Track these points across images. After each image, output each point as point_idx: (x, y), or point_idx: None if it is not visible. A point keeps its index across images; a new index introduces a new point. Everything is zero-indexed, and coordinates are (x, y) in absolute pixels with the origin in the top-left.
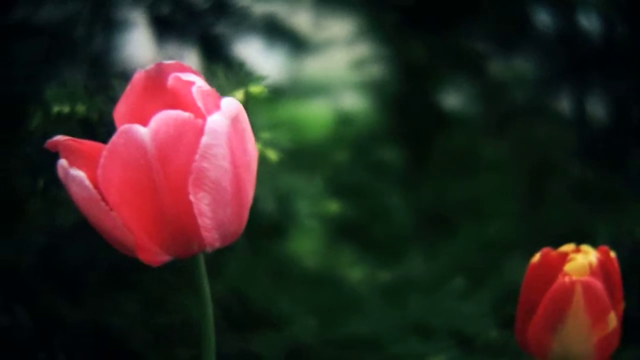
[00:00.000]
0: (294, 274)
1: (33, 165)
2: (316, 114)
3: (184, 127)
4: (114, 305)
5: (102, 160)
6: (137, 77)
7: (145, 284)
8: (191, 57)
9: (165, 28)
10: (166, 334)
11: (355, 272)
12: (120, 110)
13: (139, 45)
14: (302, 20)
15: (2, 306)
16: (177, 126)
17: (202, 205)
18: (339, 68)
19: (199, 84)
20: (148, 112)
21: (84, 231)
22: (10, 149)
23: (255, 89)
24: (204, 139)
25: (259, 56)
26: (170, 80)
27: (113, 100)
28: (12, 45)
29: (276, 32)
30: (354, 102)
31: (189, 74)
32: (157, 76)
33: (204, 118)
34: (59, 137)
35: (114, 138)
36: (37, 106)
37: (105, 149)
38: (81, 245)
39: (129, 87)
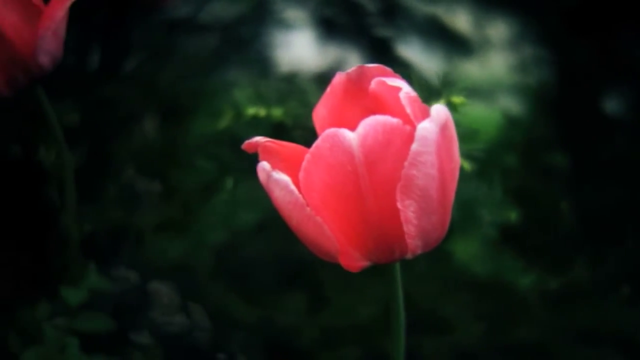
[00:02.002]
0: (461, 279)
1: (220, 163)
2: (478, 117)
3: (392, 133)
4: (284, 304)
5: (304, 163)
6: (338, 79)
7: (313, 284)
8: (353, 59)
9: (330, 29)
10: (334, 334)
11: (523, 278)
12: (320, 113)
13: (302, 45)
14: (461, 22)
15: (180, 306)
16: (386, 132)
17: (409, 212)
18: (497, 71)
19: (406, 90)
20: (349, 115)
21: (265, 231)
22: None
23: (457, 99)
24: (414, 146)
25: (416, 57)
26: (373, 84)
27: (305, 104)
28: (179, 41)
29: (436, 33)
30: (512, 106)
31: (394, 78)
32: (359, 79)
33: (412, 124)
34: (259, 138)
35: (319, 142)
36: (227, 107)
37: (309, 153)
38: (260, 244)
39: (329, 90)
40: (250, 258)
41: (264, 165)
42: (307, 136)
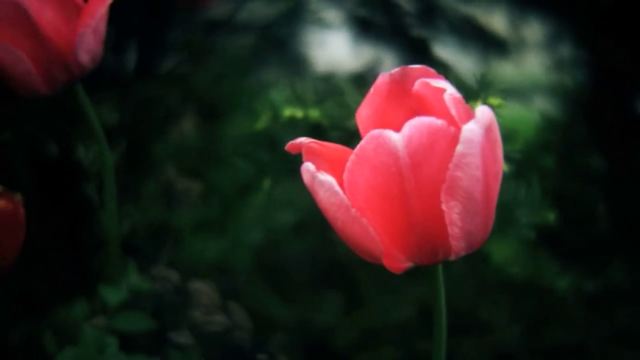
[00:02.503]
0: (498, 281)
1: (258, 163)
2: (515, 118)
3: (437, 134)
4: (321, 304)
5: (349, 164)
6: (381, 80)
7: (350, 284)
8: (389, 59)
9: (366, 29)
10: (371, 334)
11: (560, 280)
12: (363, 114)
13: (338, 45)
14: (497, 22)
15: (220, 306)
16: (431, 133)
17: (453, 214)
18: (533, 71)
19: (450, 91)
20: (392, 116)
21: (302, 231)
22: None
23: (494, 100)
24: (459, 148)
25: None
26: (417, 85)
27: (343, 105)
28: (217, 41)
29: (473, 33)
30: (547, 106)
31: (438, 79)
32: (402, 80)
33: (456, 126)
34: (302, 139)
35: (364, 143)
36: (265, 108)
37: (353, 154)
38: (297, 245)
39: (372, 91)
40: (287, 258)
41: (308, 167)
42: (345, 137)
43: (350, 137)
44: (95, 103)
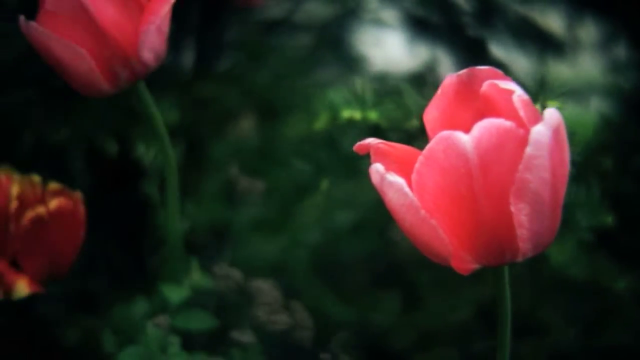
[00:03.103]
0: (557, 282)
1: (316, 163)
2: (573, 119)
3: (506, 136)
4: (379, 304)
5: (417, 165)
6: (449, 81)
7: (407, 285)
8: (446, 59)
9: (423, 28)
10: (429, 335)
11: (618, 281)
12: (431, 115)
13: (394, 44)
14: (553, 22)
15: (283, 304)
16: (500, 135)
17: (522, 216)
18: (589, 72)
19: (519, 93)
20: (460, 117)
21: (360, 231)
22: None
23: (552, 102)
24: (528, 150)
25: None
26: (485, 87)
27: (401, 106)
28: (275, 41)
29: (529, 33)
30: (603, 107)
31: (505, 81)
32: (469, 81)
33: (525, 128)
34: (371, 140)
35: (433, 144)
36: (323, 109)
37: (422, 155)
38: (355, 245)
39: (439, 92)
40: (345, 258)
41: (377, 167)
42: (404, 139)
43: (409, 139)
44: (154, 101)
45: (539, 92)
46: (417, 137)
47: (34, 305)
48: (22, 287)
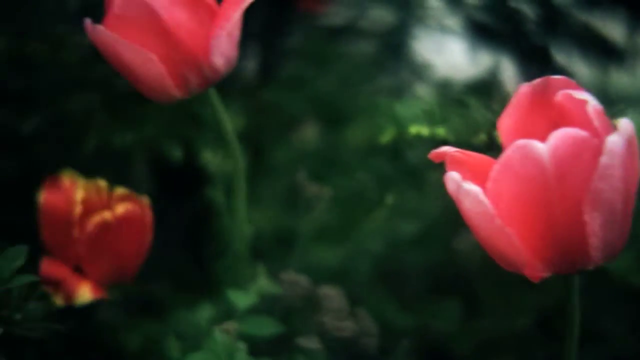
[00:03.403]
0: (617, 290)
1: (380, 174)
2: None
3: (581, 145)
4: (440, 312)
5: (493, 173)
6: (523, 91)
7: (468, 293)
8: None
9: (484, 35)
10: (489, 343)
11: None
12: (505, 124)
13: (456, 51)
14: (614, 31)
15: (350, 311)
16: (576, 144)
17: (595, 225)
18: None
19: (593, 103)
20: (534, 127)
21: (423, 241)
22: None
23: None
24: (603, 159)
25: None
26: (559, 97)
27: (468, 121)
28: (338, 47)
29: (591, 41)
30: None
31: (579, 91)
32: (544, 91)
33: (599, 137)
34: (446, 148)
35: (509, 152)
36: (389, 122)
37: (497, 163)
38: (417, 254)
39: (514, 101)
40: (408, 266)
41: (453, 176)
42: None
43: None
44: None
45: (602, 100)
46: (485, 152)
47: (96, 311)
48: (85, 293)
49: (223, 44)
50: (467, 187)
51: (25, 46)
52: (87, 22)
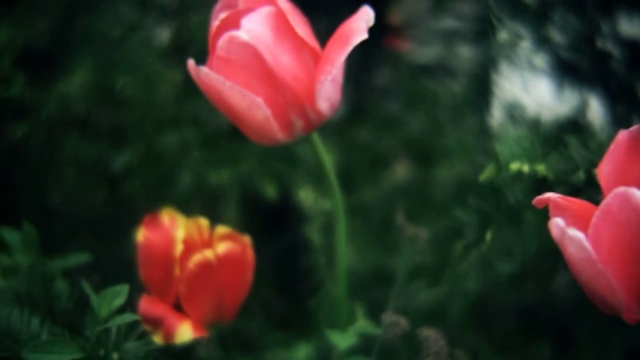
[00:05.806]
0: None
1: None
2: None
3: None
4: (530, 353)
5: (594, 220)
6: (621, 136)
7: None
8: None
9: (570, 73)
10: None
11: None
12: (605, 169)
13: (543, 89)
14: None
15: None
16: None
17: None
18: None
19: None
20: (633, 172)
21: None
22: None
23: None
24: None
25: None
26: None
27: (566, 158)
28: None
29: None
30: None
31: None
32: None
33: None
34: (550, 195)
35: (609, 199)
36: (488, 159)
37: (598, 210)
38: (511, 294)
39: (613, 147)
40: (502, 306)
41: (558, 222)
42: (569, 192)
43: (576, 192)
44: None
45: None
46: (583, 190)
47: (195, 349)
48: (186, 332)
49: (328, 89)
50: (572, 234)
51: (113, 81)
52: (191, 62)
